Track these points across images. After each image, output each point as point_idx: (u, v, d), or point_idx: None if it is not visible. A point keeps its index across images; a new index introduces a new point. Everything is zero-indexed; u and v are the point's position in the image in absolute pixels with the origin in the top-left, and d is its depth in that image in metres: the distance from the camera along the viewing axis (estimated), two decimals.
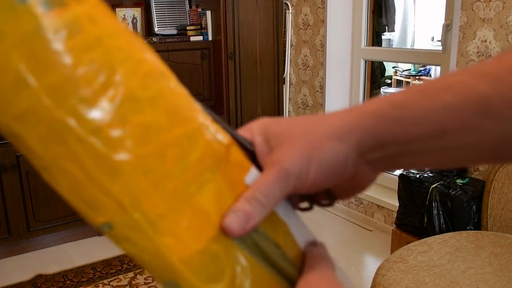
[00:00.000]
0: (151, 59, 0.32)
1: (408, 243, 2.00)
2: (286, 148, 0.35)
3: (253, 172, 0.36)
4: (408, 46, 5.77)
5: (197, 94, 3.23)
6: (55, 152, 0.28)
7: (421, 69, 5.71)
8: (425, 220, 2.27)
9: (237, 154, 0.36)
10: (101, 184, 0.28)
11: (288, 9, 3.41)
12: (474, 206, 2.18)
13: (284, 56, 3.48)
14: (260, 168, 0.36)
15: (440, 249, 1.86)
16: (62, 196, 0.29)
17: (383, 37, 3.99)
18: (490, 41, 2.28)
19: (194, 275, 0.31)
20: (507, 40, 2.21)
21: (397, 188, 2.48)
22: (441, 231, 2.16)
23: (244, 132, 0.38)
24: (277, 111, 3.50)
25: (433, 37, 5.44)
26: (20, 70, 0.26)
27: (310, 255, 0.37)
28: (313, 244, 0.39)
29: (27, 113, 0.27)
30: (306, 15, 3.30)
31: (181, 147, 0.31)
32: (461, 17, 2.38)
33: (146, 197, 0.30)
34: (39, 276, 2.51)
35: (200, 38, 3.22)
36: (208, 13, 3.18)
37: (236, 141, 0.36)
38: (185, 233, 0.31)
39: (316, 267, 0.36)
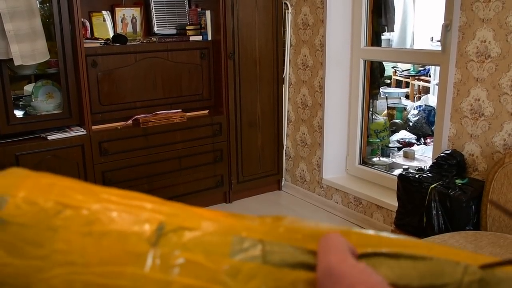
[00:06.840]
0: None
1: None
2: None
3: None
4: (408, 46, 5.77)
5: (196, 93, 3.23)
6: None
7: (420, 69, 5.72)
8: (424, 220, 2.27)
9: None
10: None
11: (288, 9, 3.41)
12: (473, 206, 2.18)
13: (284, 56, 3.48)
14: None
15: None
16: None
17: (382, 37, 3.98)
18: (489, 41, 2.28)
19: None
20: (507, 41, 2.21)
21: (396, 188, 2.48)
22: (440, 231, 2.16)
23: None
24: (277, 111, 3.50)
25: (432, 37, 5.44)
26: None
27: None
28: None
29: None
30: (306, 15, 3.30)
31: None
32: (460, 17, 2.38)
33: None
34: None
35: (200, 38, 3.22)
36: (208, 13, 3.18)
37: None
38: None
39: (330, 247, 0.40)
